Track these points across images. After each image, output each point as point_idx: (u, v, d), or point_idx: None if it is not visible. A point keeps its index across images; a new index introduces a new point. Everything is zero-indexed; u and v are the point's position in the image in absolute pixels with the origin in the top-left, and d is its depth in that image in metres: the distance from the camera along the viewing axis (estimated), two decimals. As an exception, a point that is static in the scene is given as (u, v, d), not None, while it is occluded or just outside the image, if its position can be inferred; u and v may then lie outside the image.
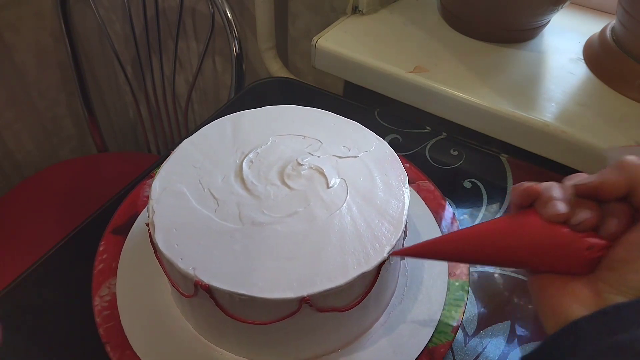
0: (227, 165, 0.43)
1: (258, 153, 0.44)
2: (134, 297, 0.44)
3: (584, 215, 0.28)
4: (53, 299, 0.46)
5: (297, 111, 0.49)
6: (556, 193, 0.29)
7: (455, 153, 0.61)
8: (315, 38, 0.68)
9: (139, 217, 0.50)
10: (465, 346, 0.43)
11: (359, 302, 0.37)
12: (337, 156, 0.43)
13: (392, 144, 0.61)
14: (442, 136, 0.62)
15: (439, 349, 0.40)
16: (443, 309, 0.43)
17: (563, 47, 0.67)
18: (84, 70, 1.00)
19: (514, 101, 0.58)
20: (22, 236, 0.86)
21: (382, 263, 0.36)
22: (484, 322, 0.44)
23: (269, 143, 0.45)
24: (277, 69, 0.91)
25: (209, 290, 0.34)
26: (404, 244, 0.40)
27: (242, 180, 0.41)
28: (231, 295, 0.34)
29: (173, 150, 0.45)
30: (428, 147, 0.61)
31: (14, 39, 0.98)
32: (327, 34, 0.69)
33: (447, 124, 0.63)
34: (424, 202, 0.51)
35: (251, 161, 0.43)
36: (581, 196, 0.28)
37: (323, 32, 0.69)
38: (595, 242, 0.27)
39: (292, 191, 0.40)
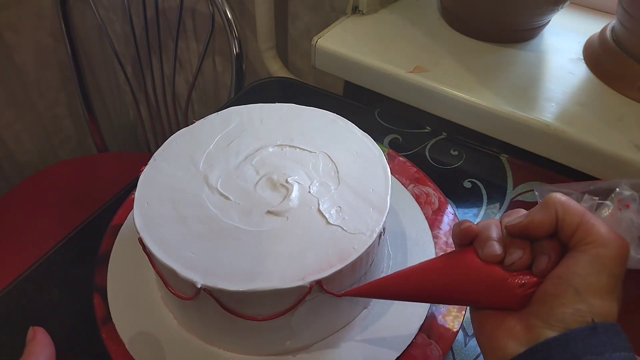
0: (259, 140, 0.45)
1: (295, 148, 0.44)
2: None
3: (516, 256, 0.29)
4: (53, 298, 0.46)
5: (370, 154, 0.45)
6: (493, 233, 0.30)
7: (455, 153, 0.61)
8: (315, 38, 0.68)
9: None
10: (465, 346, 0.43)
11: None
12: (318, 205, 0.40)
13: (392, 144, 0.62)
14: (442, 136, 0.62)
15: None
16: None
17: (563, 47, 0.67)
18: (84, 70, 1.01)
19: (514, 101, 0.58)
20: (22, 236, 0.86)
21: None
22: (484, 322, 0.44)
23: (312, 153, 0.44)
24: (277, 69, 0.91)
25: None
26: None
27: (249, 160, 0.43)
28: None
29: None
30: (428, 147, 0.61)
31: (14, 39, 0.98)
32: (327, 34, 0.69)
33: (447, 124, 0.63)
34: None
35: (280, 147, 0.45)
36: (514, 236, 0.30)
37: (323, 32, 0.69)
38: (526, 280, 0.29)
39: (252, 189, 0.41)
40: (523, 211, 0.31)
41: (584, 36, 0.67)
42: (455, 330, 0.41)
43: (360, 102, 0.67)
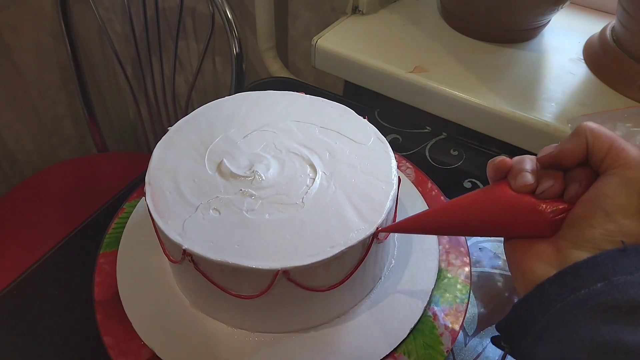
0: (278, 130, 0.47)
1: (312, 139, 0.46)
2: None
3: (548, 184, 0.30)
4: (53, 298, 0.46)
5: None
6: (526, 165, 0.31)
7: (455, 153, 0.61)
8: (315, 38, 0.68)
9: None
10: (465, 346, 0.43)
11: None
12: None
13: (392, 144, 0.61)
14: (442, 136, 0.62)
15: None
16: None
17: (563, 47, 0.67)
18: (84, 70, 1.00)
19: (514, 101, 0.58)
20: (22, 236, 0.86)
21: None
22: (484, 322, 0.44)
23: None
24: (277, 69, 0.91)
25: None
26: None
27: (272, 143, 0.46)
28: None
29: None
30: (428, 147, 0.61)
31: (14, 39, 0.98)
32: (327, 34, 0.69)
33: (447, 124, 0.63)
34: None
35: (297, 122, 0.47)
36: (546, 167, 0.31)
37: (323, 32, 0.69)
38: (557, 206, 0.30)
39: (246, 150, 0.45)
40: (554, 146, 0.31)
41: (584, 36, 0.67)
42: (456, 329, 0.41)
43: (360, 102, 0.67)
